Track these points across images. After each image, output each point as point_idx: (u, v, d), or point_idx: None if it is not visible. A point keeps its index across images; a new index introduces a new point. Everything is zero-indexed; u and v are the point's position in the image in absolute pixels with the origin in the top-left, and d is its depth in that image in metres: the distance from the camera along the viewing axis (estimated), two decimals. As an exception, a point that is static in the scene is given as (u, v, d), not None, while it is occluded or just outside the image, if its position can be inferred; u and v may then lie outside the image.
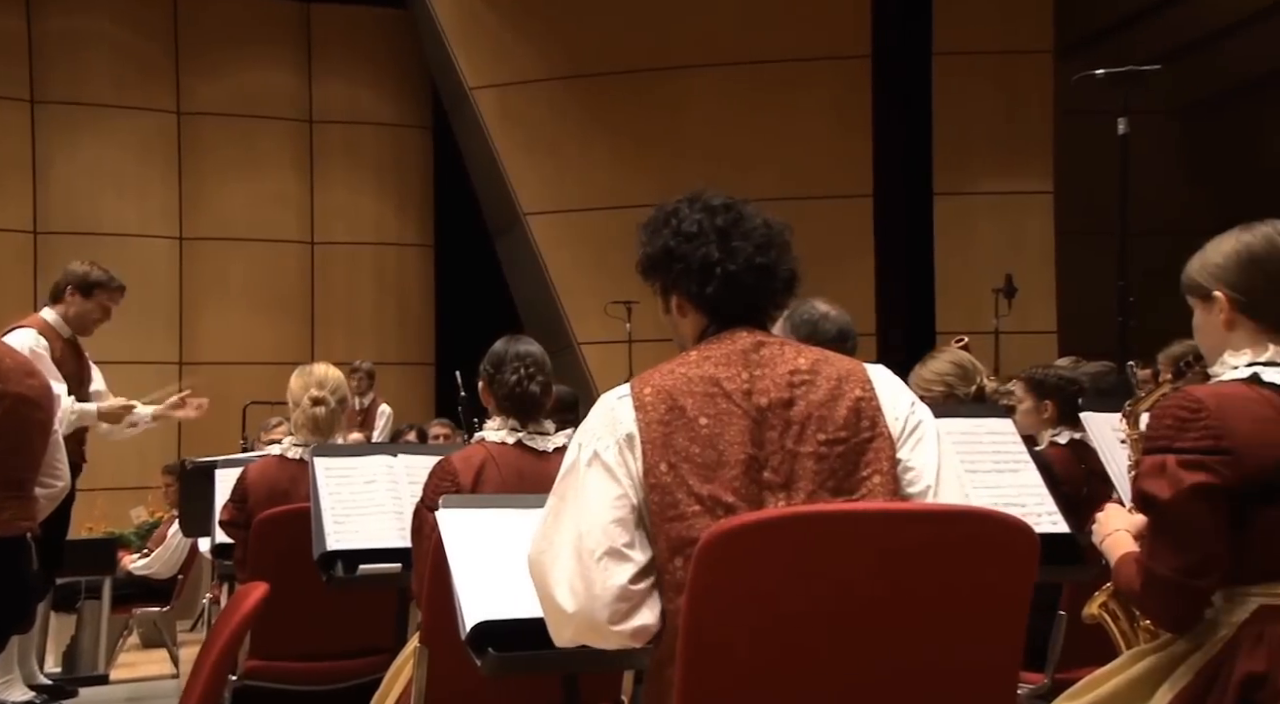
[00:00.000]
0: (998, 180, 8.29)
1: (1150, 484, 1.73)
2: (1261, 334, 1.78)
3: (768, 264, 1.64)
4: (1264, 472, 1.68)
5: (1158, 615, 1.77)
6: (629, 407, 1.58)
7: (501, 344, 2.54)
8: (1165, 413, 1.76)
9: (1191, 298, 1.89)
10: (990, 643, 1.49)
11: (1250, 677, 1.65)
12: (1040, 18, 8.14)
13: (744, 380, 1.58)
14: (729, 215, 1.65)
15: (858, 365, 1.65)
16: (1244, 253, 1.81)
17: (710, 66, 8.38)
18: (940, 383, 3.18)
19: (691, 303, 1.66)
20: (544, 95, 8.66)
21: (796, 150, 8.25)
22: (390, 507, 2.67)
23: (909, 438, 1.61)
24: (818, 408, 1.57)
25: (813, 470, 1.54)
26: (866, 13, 8.29)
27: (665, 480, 1.53)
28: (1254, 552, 1.69)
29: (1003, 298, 7.17)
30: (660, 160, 8.37)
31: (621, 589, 1.52)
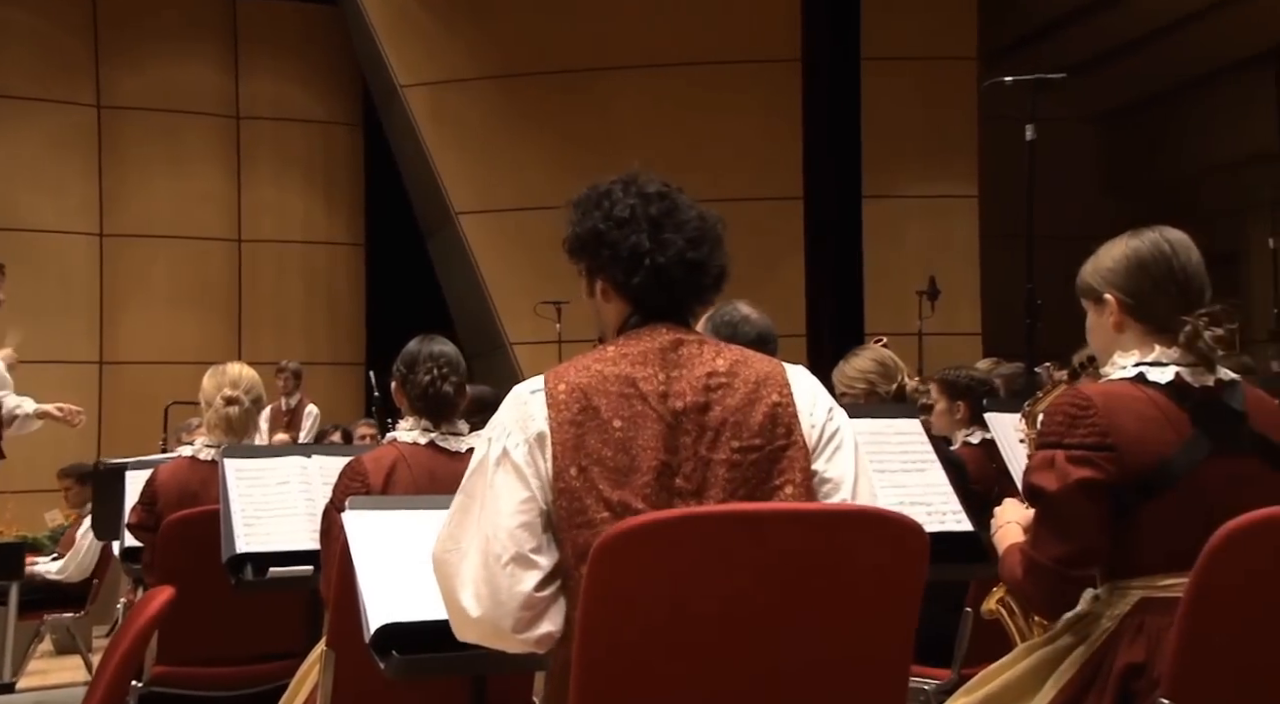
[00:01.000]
0: (924, 184, 8.43)
1: (1039, 477, 1.77)
2: (1148, 336, 1.83)
3: (699, 259, 1.60)
4: (1146, 468, 1.73)
5: (1034, 602, 1.83)
6: (541, 402, 1.53)
7: (415, 344, 2.52)
8: (1056, 410, 1.81)
9: (1085, 300, 1.94)
10: (882, 641, 1.51)
11: (1130, 667, 1.70)
12: (964, 25, 8.29)
13: (660, 382, 1.54)
14: (663, 204, 1.60)
15: (778, 368, 1.61)
16: (1132, 258, 1.86)
17: (642, 67, 8.40)
18: (863, 380, 3.23)
19: (616, 290, 1.61)
20: (476, 94, 8.62)
21: (727, 152, 8.30)
22: (303, 508, 2.64)
23: (826, 447, 1.58)
24: (733, 413, 1.54)
25: (725, 478, 1.52)
26: (796, 17, 8.38)
27: (575, 485, 1.50)
28: (1135, 546, 1.75)
29: (926, 300, 7.29)
30: (592, 160, 8.33)
31: (527, 596, 1.50)
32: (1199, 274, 1.85)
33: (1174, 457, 1.74)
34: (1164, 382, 1.79)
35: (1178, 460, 1.74)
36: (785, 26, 8.38)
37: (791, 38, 8.40)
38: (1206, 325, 1.80)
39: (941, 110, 8.20)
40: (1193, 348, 1.80)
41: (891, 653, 1.54)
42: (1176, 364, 1.80)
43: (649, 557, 1.41)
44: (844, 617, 1.47)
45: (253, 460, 2.67)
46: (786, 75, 8.41)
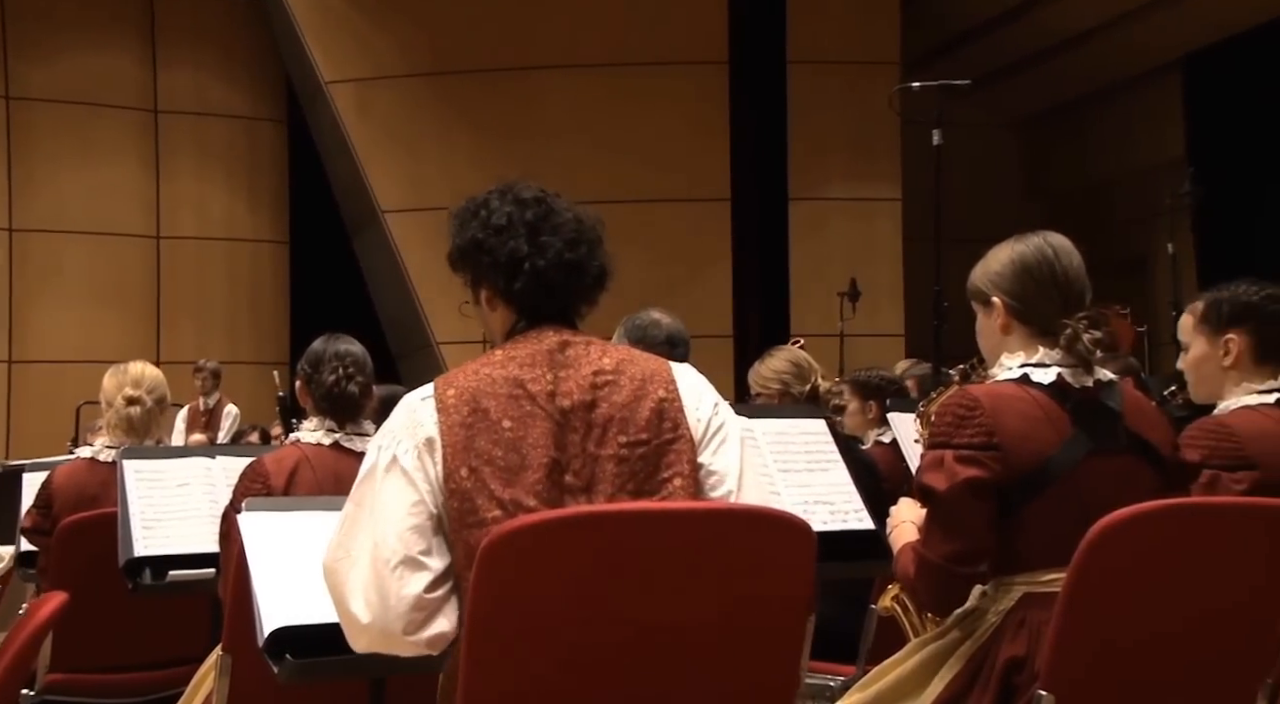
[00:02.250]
0: (849, 186, 8.55)
1: (929, 477, 1.82)
2: (1033, 338, 1.88)
3: (577, 260, 1.62)
4: (1029, 467, 1.78)
5: (924, 599, 1.87)
6: (431, 409, 1.55)
7: (320, 343, 2.50)
8: (945, 410, 1.86)
9: (974, 303, 2.00)
10: (772, 638, 1.54)
11: (1012, 660, 1.75)
12: (888, 31, 8.43)
13: (548, 381, 1.57)
14: (539, 209, 1.63)
15: (663, 365, 1.65)
16: (1018, 262, 1.92)
17: (571, 67, 8.40)
18: (777, 381, 3.28)
19: (500, 297, 1.63)
20: (403, 91, 8.54)
21: (656, 153, 8.34)
22: (206, 510, 2.60)
23: (711, 440, 1.61)
24: (620, 409, 1.57)
25: (613, 473, 1.55)
26: (723, 20, 8.44)
27: (465, 485, 1.51)
28: (1019, 543, 1.80)
29: (847, 301, 7.40)
30: (521, 160, 8.33)
31: (417, 598, 1.51)
32: (1080, 278, 1.91)
33: (1055, 455, 1.79)
34: (1046, 382, 1.84)
35: (1058, 459, 1.79)
36: (712, 29, 8.44)
37: (719, 40, 8.46)
38: (1086, 328, 1.86)
39: (866, 114, 8.32)
40: (1072, 350, 1.85)
41: (781, 650, 1.56)
42: (1059, 365, 1.85)
43: (537, 555, 1.42)
44: (733, 614, 1.49)
45: (153, 462, 2.62)
46: (714, 77, 8.47)
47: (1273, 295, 2.18)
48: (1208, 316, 2.22)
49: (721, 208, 8.55)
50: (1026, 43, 8.93)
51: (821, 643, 2.72)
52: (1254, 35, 7.83)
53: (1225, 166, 8.23)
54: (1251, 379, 2.15)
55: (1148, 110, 8.89)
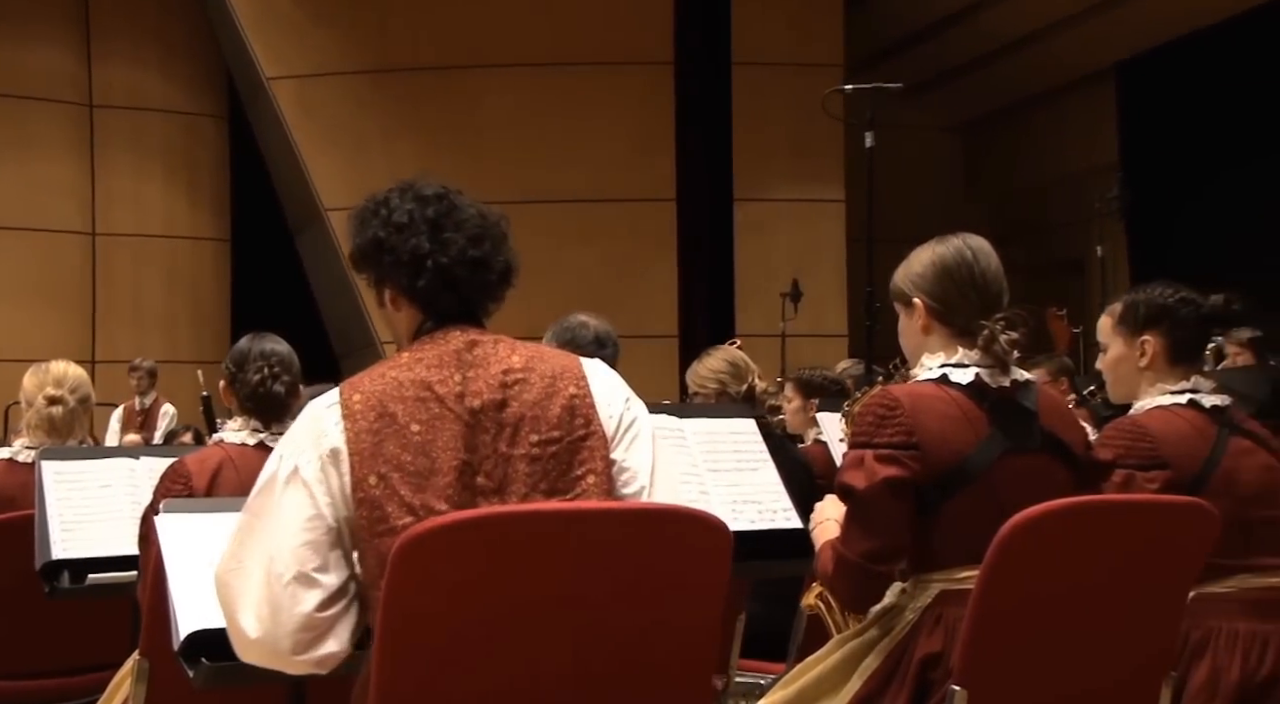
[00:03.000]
0: (794, 188, 8.62)
1: (849, 476, 1.84)
2: (953, 339, 1.91)
3: (481, 257, 1.61)
4: (947, 466, 1.81)
5: (842, 596, 1.90)
6: (336, 416, 1.53)
7: (245, 342, 2.46)
8: (867, 410, 1.88)
9: (897, 304, 2.02)
10: (688, 637, 1.53)
11: (929, 657, 1.77)
12: (831, 34, 8.50)
13: (456, 382, 1.55)
14: (441, 205, 1.60)
15: (574, 362, 1.63)
16: (938, 264, 1.95)
17: (516, 66, 8.38)
18: (714, 380, 3.30)
19: (404, 296, 1.61)
20: (346, 88, 8.46)
21: (601, 153, 8.34)
22: (129, 512, 2.55)
23: (624, 437, 1.60)
24: (530, 408, 1.55)
25: (525, 473, 1.53)
26: (669, 20, 8.46)
27: (374, 493, 1.49)
28: (937, 541, 1.82)
29: (789, 301, 7.45)
30: (466, 159, 8.30)
31: (307, 617, 1.49)
32: (998, 279, 1.95)
33: (972, 455, 1.82)
34: (965, 383, 1.87)
35: (975, 458, 1.82)
36: (657, 30, 8.46)
37: (664, 41, 8.48)
38: (1003, 329, 1.89)
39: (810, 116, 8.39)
40: (989, 350, 1.88)
41: (696, 649, 1.56)
42: (977, 366, 1.88)
43: (449, 558, 1.41)
44: (649, 614, 1.49)
45: (73, 463, 2.57)
46: (658, 78, 8.49)
47: (1186, 298, 2.23)
48: (1125, 318, 2.26)
49: (666, 208, 8.58)
50: (966, 48, 9.06)
51: (752, 641, 2.75)
52: (1184, 44, 8.02)
53: (1156, 171, 8.42)
54: (1166, 380, 2.20)
55: (1082, 116, 9.08)
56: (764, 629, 2.76)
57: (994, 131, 10.19)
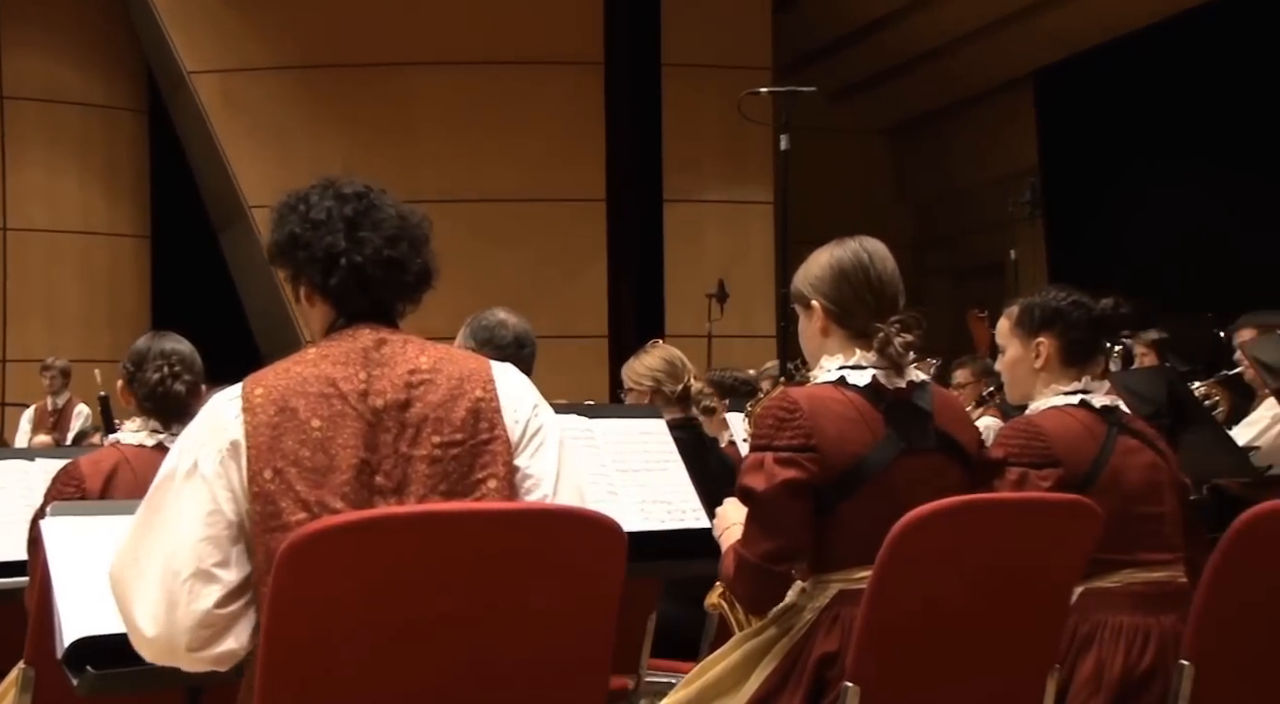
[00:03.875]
0: (723, 189, 8.68)
1: (749, 478, 1.86)
2: (850, 341, 1.94)
3: (398, 258, 1.60)
4: (844, 467, 1.84)
5: (743, 597, 1.92)
6: (237, 409, 1.52)
7: (145, 341, 2.42)
8: (767, 413, 1.90)
9: (796, 306, 2.05)
10: (581, 638, 1.53)
11: (825, 656, 1.80)
12: (760, 36, 8.58)
13: (361, 380, 1.54)
14: (360, 204, 1.60)
15: (483, 365, 1.63)
16: (835, 267, 1.97)
17: (444, 64, 8.31)
18: (650, 378, 3.30)
19: (317, 293, 1.61)
20: (270, 84, 8.32)
21: (531, 153, 8.31)
22: (22, 516, 2.49)
23: (529, 443, 1.60)
24: (435, 409, 1.55)
25: (425, 474, 1.53)
26: (599, 21, 8.46)
27: (269, 488, 1.48)
28: (835, 541, 1.85)
29: (715, 302, 7.50)
30: (393, 157, 8.22)
31: (206, 614, 1.48)
32: (894, 282, 1.97)
33: (869, 456, 1.85)
34: (862, 385, 1.90)
35: (872, 459, 1.85)
36: (587, 30, 8.46)
37: (594, 41, 8.48)
38: (898, 331, 1.92)
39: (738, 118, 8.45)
40: (885, 352, 1.91)
41: (591, 650, 1.56)
42: (874, 367, 1.91)
43: (340, 558, 1.39)
44: (542, 616, 1.49)
45: (-36, 466, 2.49)
46: (588, 78, 8.49)
47: (1079, 301, 2.28)
48: (1021, 321, 2.31)
49: (596, 209, 8.58)
50: (892, 53, 9.20)
51: (664, 641, 2.76)
52: (1098, 53, 8.24)
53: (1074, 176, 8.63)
54: (1059, 381, 2.25)
55: (1003, 122, 9.27)
56: (675, 629, 2.78)
57: (921, 136, 10.36)
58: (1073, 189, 8.62)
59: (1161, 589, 2.06)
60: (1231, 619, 1.79)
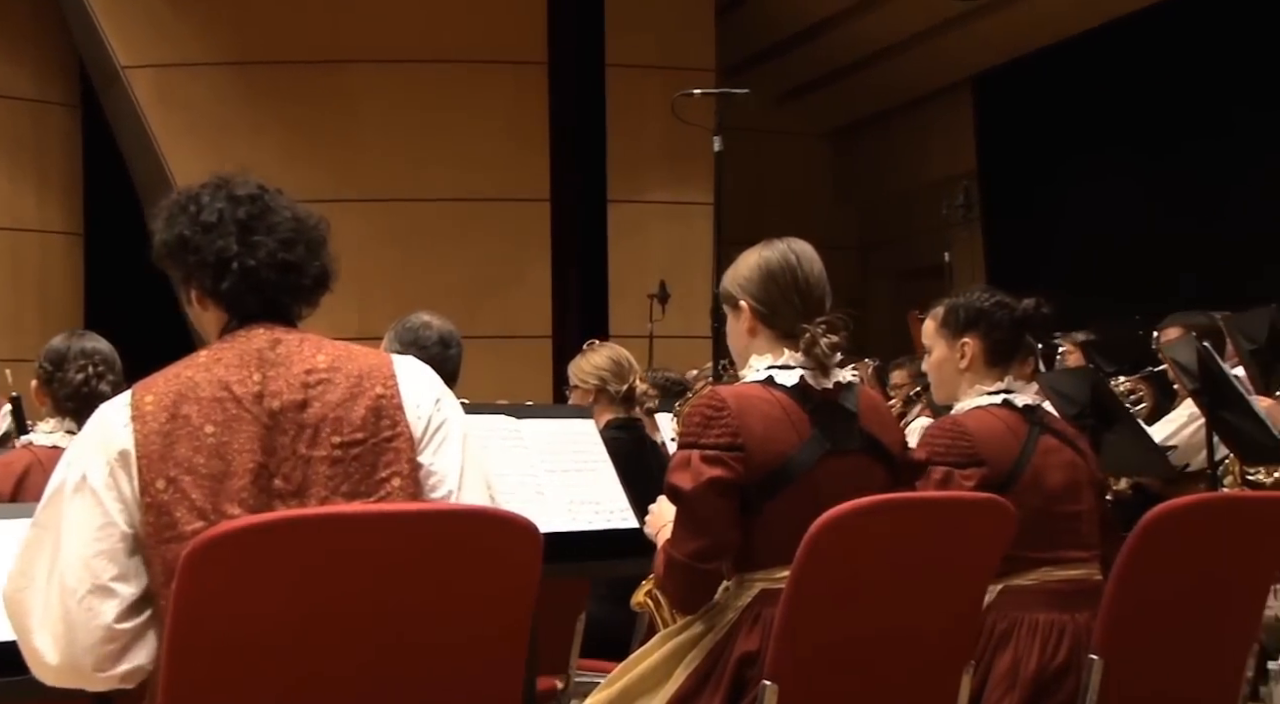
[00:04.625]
0: (666, 190, 8.69)
1: (676, 477, 1.86)
2: (778, 341, 1.96)
3: (294, 261, 1.56)
4: (770, 467, 1.85)
5: (673, 596, 1.92)
6: (125, 418, 1.47)
7: (61, 340, 2.36)
8: (695, 411, 1.90)
9: (725, 306, 2.06)
10: (494, 641, 1.52)
11: (746, 655, 1.81)
12: (704, 38, 8.61)
13: (255, 382, 1.50)
14: (253, 206, 1.56)
15: (384, 361, 1.59)
16: (763, 268, 1.99)
17: (386, 62, 8.24)
18: (595, 377, 3.30)
19: (209, 297, 1.56)
20: (208, 79, 8.18)
21: (474, 152, 8.27)
22: (-66, 521, 2.41)
23: (432, 439, 1.57)
24: (334, 409, 1.51)
25: (326, 475, 1.50)
26: (542, 20, 8.44)
27: (163, 498, 1.44)
28: (759, 541, 1.86)
29: (657, 303, 7.52)
30: (335, 155, 8.14)
31: (107, 630, 1.43)
32: (820, 284, 1.99)
33: (794, 456, 1.86)
34: (789, 385, 1.91)
35: (797, 459, 1.86)
36: (531, 29, 8.43)
37: (537, 41, 8.45)
38: (824, 332, 1.94)
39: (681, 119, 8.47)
40: (811, 353, 1.93)
41: (504, 651, 1.55)
42: (802, 368, 1.93)
43: (241, 564, 1.36)
44: (454, 618, 1.47)
45: None
46: (532, 78, 8.46)
47: (1002, 302, 2.32)
48: (947, 322, 2.34)
49: (540, 209, 8.55)
50: (834, 56, 9.29)
51: (593, 641, 2.76)
52: (1036, 58, 8.38)
53: (1011, 179, 8.78)
54: (983, 381, 2.28)
55: (943, 125, 9.41)
56: (606, 629, 2.78)
57: (863, 138, 10.47)
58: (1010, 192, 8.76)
59: (1078, 586, 2.10)
60: (1139, 614, 1.83)
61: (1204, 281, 6.67)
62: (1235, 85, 7.09)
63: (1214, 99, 7.21)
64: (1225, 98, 7.15)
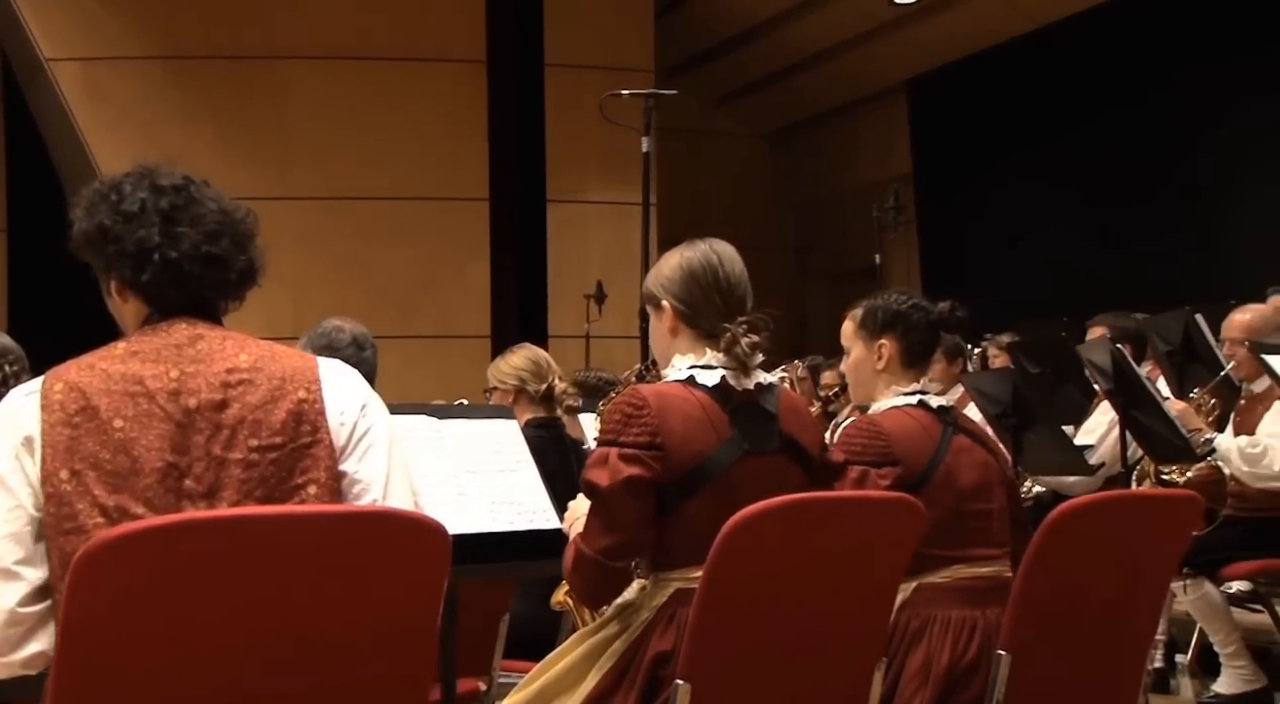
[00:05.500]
0: (605, 190, 8.70)
1: (593, 474, 1.86)
2: (699, 341, 1.96)
3: (219, 254, 1.53)
4: (689, 467, 1.85)
5: (579, 591, 1.92)
6: (34, 405, 1.44)
7: None
8: (615, 409, 1.90)
9: (648, 306, 2.06)
10: (402, 645, 1.51)
11: (660, 654, 1.81)
12: (642, 39, 8.63)
13: (171, 379, 1.47)
14: (178, 197, 1.52)
15: (309, 364, 1.57)
16: (685, 268, 1.99)
17: (322, 59, 8.14)
18: (514, 378, 3.29)
19: (129, 289, 1.53)
20: (136, 74, 8.02)
21: (413, 151, 8.20)
22: None
23: (356, 446, 1.55)
24: (253, 411, 1.49)
25: (240, 479, 1.47)
26: (481, 19, 8.40)
27: (65, 489, 1.41)
28: (676, 540, 1.86)
29: (594, 303, 7.52)
30: (269, 154, 8.02)
31: (10, 613, 1.41)
32: (742, 284, 2.00)
33: (713, 455, 1.87)
34: (710, 384, 1.92)
35: (715, 459, 1.87)
36: (470, 27, 8.39)
37: (476, 39, 8.42)
38: (745, 332, 1.95)
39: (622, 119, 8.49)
40: (731, 353, 1.94)
41: (413, 654, 1.54)
42: (724, 368, 1.94)
43: (140, 566, 1.34)
44: (361, 622, 1.46)
45: None
46: (471, 76, 8.42)
47: (919, 305, 2.35)
48: (864, 323, 2.37)
49: (479, 207, 8.52)
50: (773, 59, 9.37)
51: (518, 642, 2.75)
52: (969, 62, 8.52)
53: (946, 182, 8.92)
54: (899, 382, 2.31)
55: (879, 128, 9.53)
56: (530, 630, 2.77)
57: (800, 141, 10.57)
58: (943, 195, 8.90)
59: (990, 583, 2.13)
60: (1045, 611, 1.86)
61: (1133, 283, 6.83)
62: (1162, 88, 7.27)
63: (1141, 102, 7.39)
64: (1153, 100, 7.33)
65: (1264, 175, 6.78)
